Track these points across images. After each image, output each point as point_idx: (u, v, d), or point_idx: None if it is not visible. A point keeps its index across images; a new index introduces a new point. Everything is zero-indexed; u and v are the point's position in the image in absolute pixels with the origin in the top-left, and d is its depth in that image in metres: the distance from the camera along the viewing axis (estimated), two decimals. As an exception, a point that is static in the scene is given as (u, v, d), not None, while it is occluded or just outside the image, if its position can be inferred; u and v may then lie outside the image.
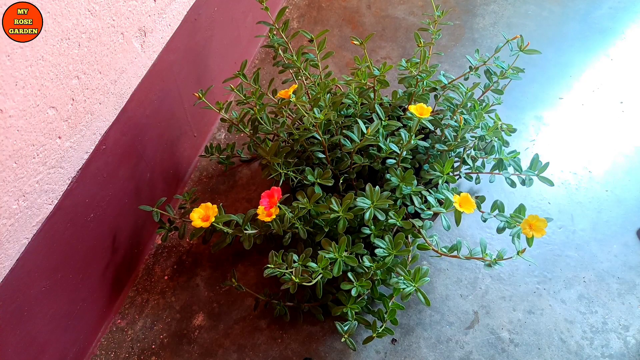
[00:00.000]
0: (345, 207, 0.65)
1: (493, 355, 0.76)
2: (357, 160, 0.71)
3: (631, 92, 1.07)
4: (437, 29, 0.76)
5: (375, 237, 0.67)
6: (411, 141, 0.67)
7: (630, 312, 0.79)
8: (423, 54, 0.75)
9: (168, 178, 0.91)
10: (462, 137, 0.72)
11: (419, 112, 0.64)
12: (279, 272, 0.64)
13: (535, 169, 0.70)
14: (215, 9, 0.93)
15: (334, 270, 0.64)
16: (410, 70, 0.76)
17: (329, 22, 1.26)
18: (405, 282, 0.64)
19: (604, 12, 1.24)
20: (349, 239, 0.67)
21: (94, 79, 0.63)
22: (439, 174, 0.70)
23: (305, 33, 0.76)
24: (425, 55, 0.76)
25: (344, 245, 0.65)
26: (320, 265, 0.63)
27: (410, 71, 0.76)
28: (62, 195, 0.62)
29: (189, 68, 0.89)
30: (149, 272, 0.87)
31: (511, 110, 0.72)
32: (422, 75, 0.76)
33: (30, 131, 0.54)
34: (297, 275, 0.63)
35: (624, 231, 0.88)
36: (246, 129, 0.80)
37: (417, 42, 0.75)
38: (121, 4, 0.65)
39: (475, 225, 0.77)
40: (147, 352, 0.78)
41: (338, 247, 0.65)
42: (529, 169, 0.70)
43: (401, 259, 0.68)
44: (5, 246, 0.55)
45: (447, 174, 0.69)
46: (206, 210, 0.63)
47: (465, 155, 0.76)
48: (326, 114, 0.68)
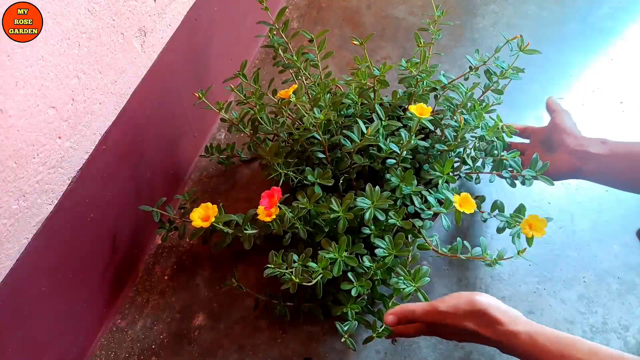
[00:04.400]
0: (345, 207, 0.65)
1: (493, 355, 0.76)
2: (357, 160, 0.71)
3: (631, 92, 1.07)
4: (437, 29, 0.76)
5: (375, 237, 0.67)
6: (411, 141, 0.67)
7: (630, 312, 0.79)
8: (423, 54, 0.75)
9: (168, 178, 0.91)
10: (462, 137, 0.71)
11: (419, 112, 0.64)
12: (279, 273, 0.64)
13: (535, 169, 0.70)
14: (215, 9, 0.93)
15: (334, 270, 0.64)
16: (410, 70, 0.76)
17: (329, 22, 1.26)
18: (405, 282, 0.64)
19: (604, 12, 1.23)
20: (349, 239, 0.66)
21: (94, 79, 0.63)
22: (439, 174, 0.70)
23: (305, 33, 0.76)
24: (425, 55, 0.76)
25: (344, 245, 0.65)
26: (320, 266, 0.63)
27: (410, 71, 0.76)
28: (62, 195, 0.62)
29: (189, 68, 0.89)
30: (149, 272, 0.87)
31: (511, 110, 0.72)
32: (422, 75, 0.76)
33: (30, 131, 0.54)
34: (297, 275, 0.63)
35: (624, 231, 0.88)
36: (246, 129, 0.80)
37: (417, 42, 0.75)
38: (121, 4, 0.65)
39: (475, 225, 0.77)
40: (147, 352, 0.78)
41: (338, 247, 0.65)
42: (529, 169, 0.70)
43: (401, 259, 0.68)
44: (5, 246, 0.55)
45: (447, 174, 0.69)
46: (206, 210, 0.63)
47: (465, 156, 0.76)
48: (326, 114, 0.68)
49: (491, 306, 0.56)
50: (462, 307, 0.57)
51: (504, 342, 0.55)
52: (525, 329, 0.54)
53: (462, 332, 0.58)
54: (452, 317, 0.57)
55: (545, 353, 0.52)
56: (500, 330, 0.55)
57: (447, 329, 0.59)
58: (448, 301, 0.58)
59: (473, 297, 0.58)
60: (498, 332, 0.55)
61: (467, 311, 0.57)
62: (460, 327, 0.57)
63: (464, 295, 0.58)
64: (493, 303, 0.57)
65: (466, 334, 0.58)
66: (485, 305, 0.56)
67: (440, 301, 0.59)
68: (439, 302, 0.59)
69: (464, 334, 0.58)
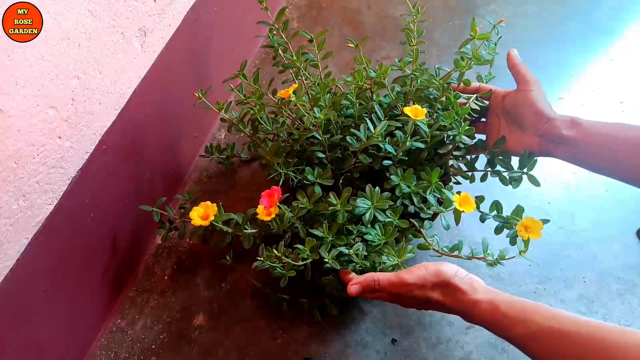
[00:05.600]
0: (343, 199, 0.65)
1: (493, 355, 0.76)
2: (363, 159, 0.71)
3: (631, 92, 1.07)
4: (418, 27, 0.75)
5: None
6: (407, 143, 0.67)
7: (631, 312, 0.79)
8: (415, 53, 0.75)
9: (168, 178, 0.92)
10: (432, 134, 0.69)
11: (414, 114, 0.63)
12: (271, 266, 0.64)
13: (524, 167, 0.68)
14: (215, 9, 0.93)
15: (321, 249, 0.64)
16: (403, 69, 0.75)
17: (329, 22, 1.26)
18: (389, 257, 0.63)
19: (604, 12, 1.24)
20: (343, 227, 0.66)
21: (94, 79, 0.63)
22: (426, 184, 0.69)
23: (305, 33, 0.76)
24: (417, 54, 0.75)
25: (336, 227, 0.65)
26: (307, 246, 0.63)
27: (403, 70, 0.76)
28: (62, 195, 0.62)
29: (189, 68, 0.89)
30: (149, 272, 0.87)
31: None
32: (415, 74, 0.75)
33: (30, 131, 0.54)
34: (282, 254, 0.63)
35: (624, 231, 0.88)
36: (246, 129, 0.80)
37: (409, 41, 0.74)
38: (121, 4, 0.65)
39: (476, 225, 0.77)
40: (147, 352, 0.78)
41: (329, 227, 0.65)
42: (518, 168, 0.69)
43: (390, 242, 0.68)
44: (5, 246, 0.55)
45: (436, 182, 0.68)
46: (206, 209, 0.63)
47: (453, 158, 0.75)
48: (326, 113, 0.68)
49: (455, 276, 0.57)
50: (429, 278, 0.57)
51: (466, 311, 0.56)
52: (486, 297, 0.54)
53: (427, 302, 0.58)
54: (420, 288, 0.58)
55: (506, 319, 0.52)
56: (462, 300, 0.55)
57: (412, 300, 0.60)
58: (415, 272, 0.58)
59: (438, 266, 0.58)
60: (460, 302, 0.56)
61: (434, 282, 0.57)
62: (426, 298, 0.58)
63: (430, 266, 0.59)
64: (458, 273, 0.57)
65: (431, 303, 0.58)
66: (449, 275, 0.57)
67: (407, 272, 0.59)
68: (405, 274, 0.59)
69: (428, 303, 0.59)
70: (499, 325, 0.53)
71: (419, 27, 0.74)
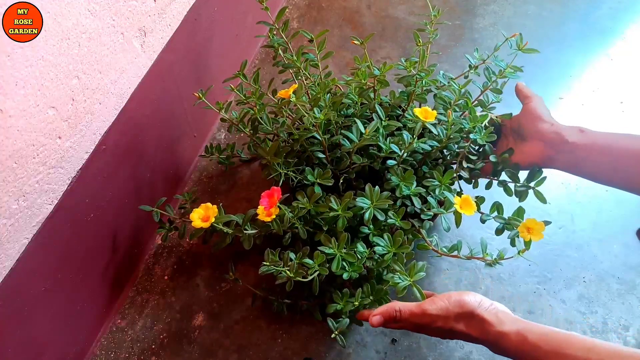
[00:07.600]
0: (344, 205, 0.65)
1: (493, 355, 0.76)
2: (357, 160, 0.71)
3: (631, 92, 1.07)
4: (435, 28, 0.76)
5: (374, 237, 0.67)
6: (413, 144, 0.67)
7: (630, 312, 0.79)
8: (422, 53, 0.75)
9: (168, 178, 0.92)
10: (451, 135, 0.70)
11: (424, 116, 0.63)
12: (275, 270, 0.64)
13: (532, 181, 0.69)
14: (215, 9, 0.93)
15: (332, 265, 0.64)
16: (409, 69, 0.76)
17: (329, 22, 1.26)
18: (401, 277, 0.63)
19: (604, 12, 1.24)
20: (349, 237, 0.66)
21: (94, 79, 0.63)
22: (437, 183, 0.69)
23: (305, 33, 0.76)
24: (424, 55, 0.75)
25: (344, 241, 0.65)
26: (317, 262, 0.63)
27: (409, 70, 0.76)
28: (62, 195, 0.62)
29: (189, 68, 0.89)
30: (149, 272, 0.87)
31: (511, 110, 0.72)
32: (420, 75, 0.75)
33: (30, 131, 0.54)
34: (292, 271, 0.63)
35: (624, 231, 0.88)
36: (246, 129, 0.80)
37: (416, 42, 0.75)
38: (121, 4, 0.65)
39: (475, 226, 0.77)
40: (147, 352, 0.78)
41: (337, 243, 0.65)
42: (525, 180, 0.69)
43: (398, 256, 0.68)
44: (5, 246, 0.55)
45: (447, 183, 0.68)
46: (206, 211, 0.63)
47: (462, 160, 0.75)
48: (326, 114, 0.68)
49: (480, 306, 0.55)
50: (452, 309, 0.56)
51: (495, 343, 0.54)
52: (514, 328, 0.53)
53: (451, 333, 0.57)
54: (443, 320, 0.56)
55: (537, 351, 0.50)
56: (490, 332, 0.54)
57: (436, 330, 0.58)
58: (437, 302, 0.57)
59: (462, 296, 0.57)
60: (488, 334, 0.54)
61: (457, 313, 0.56)
62: (450, 329, 0.56)
63: (453, 296, 0.57)
64: (481, 302, 0.56)
65: (455, 334, 0.57)
66: (473, 305, 0.55)
67: (429, 302, 0.58)
68: (427, 304, 0.58)
69: (453, 334, 0.57)
70: (529, 357, 0.51)
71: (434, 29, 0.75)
